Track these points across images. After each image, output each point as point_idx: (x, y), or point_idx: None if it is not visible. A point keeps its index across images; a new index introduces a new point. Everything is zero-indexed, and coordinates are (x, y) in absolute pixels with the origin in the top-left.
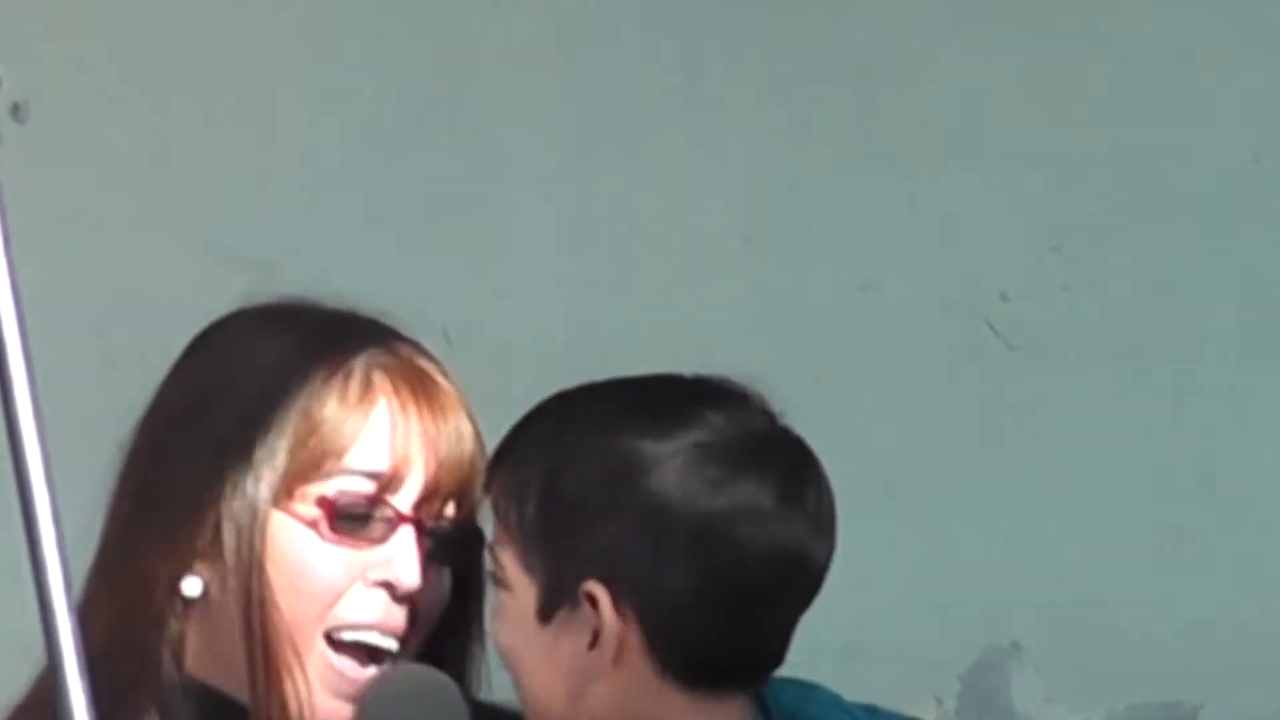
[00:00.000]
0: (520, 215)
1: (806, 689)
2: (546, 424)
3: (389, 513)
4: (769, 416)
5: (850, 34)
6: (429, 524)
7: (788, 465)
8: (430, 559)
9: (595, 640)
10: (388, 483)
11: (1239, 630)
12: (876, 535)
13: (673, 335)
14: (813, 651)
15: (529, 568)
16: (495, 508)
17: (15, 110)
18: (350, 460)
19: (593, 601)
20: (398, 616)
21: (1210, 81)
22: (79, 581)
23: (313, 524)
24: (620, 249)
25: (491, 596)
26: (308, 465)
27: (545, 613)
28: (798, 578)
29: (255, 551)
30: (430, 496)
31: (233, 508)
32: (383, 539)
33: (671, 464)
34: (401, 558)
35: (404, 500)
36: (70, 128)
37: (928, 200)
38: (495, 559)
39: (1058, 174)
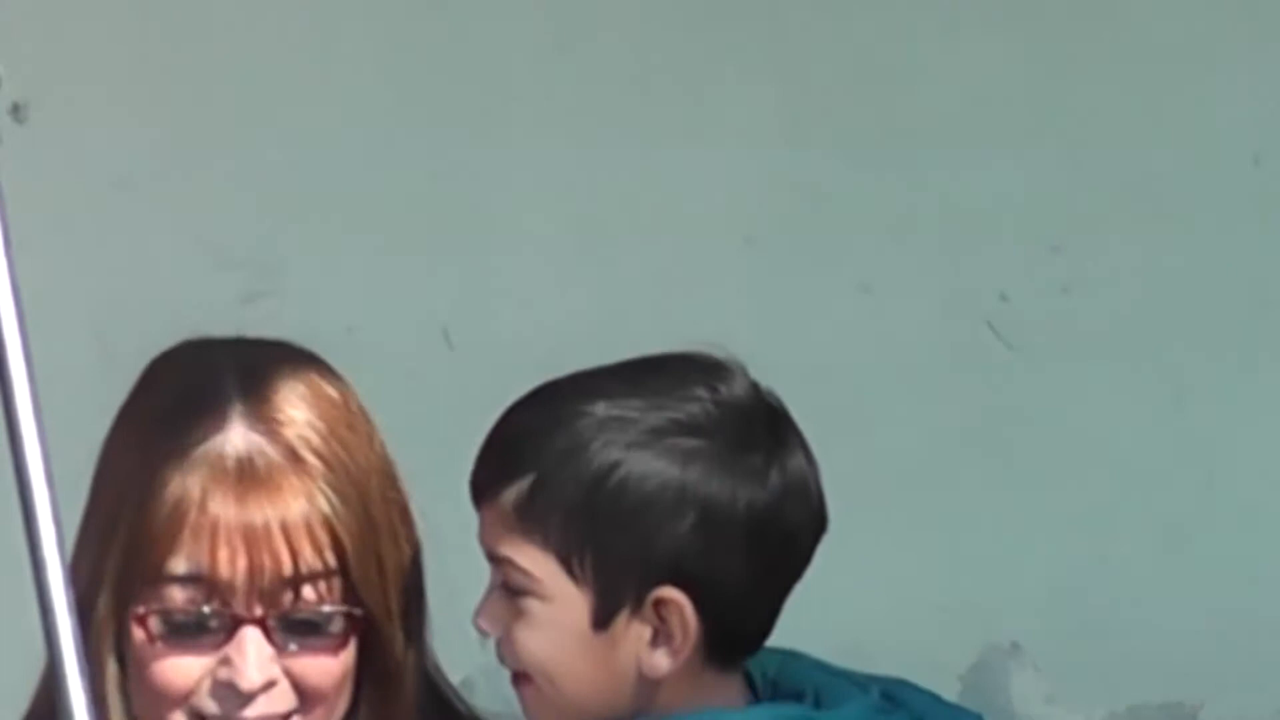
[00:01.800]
0: (520, 215)
1: (790, 656)
2: (560, 432)
3: (223, 615)
4: (753, 382)
5: (850, 34)
6: (275, 619)
7: (796, 432)
8: (298, 650)
9: (655, 639)
10: (212, 584)
11: (1239, 630)
12: (876, 535)
13: (673, 336)
14: (812, 651)
15: (575, 577)
16: (512, 522)
17: (15, 110)
18: (171, 567)
19: (659, 604)
20: (268, 706)
21: (1210, 81)
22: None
23: (147, 639)
24: (620, 249)
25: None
26: (138, 576)
27: (602, 620)
28: (819, 539)
29: (97, 656)
30: (266, 591)
31: (95, 611)
32: (224, 642)
33: (715, 460)
34: (239, 660)
35: (238, 600)
36: (70, 128)
37: (928, 200)
38: (522, 570)
39: (1058, 174)
